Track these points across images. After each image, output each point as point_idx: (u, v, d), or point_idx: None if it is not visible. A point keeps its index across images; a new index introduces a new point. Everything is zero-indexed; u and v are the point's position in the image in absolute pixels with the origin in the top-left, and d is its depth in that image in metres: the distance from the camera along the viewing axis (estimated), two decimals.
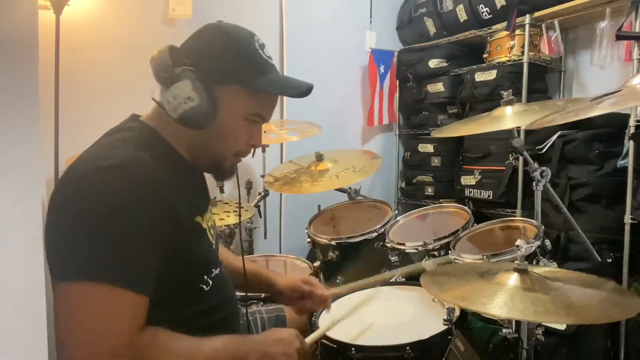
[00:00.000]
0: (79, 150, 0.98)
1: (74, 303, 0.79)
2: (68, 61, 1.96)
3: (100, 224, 0.81)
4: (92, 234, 0.81)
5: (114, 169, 0.85)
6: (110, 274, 0.80)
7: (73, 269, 0.80)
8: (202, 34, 1.01)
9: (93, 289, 0.79)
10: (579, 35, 2.65)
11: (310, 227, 2.11)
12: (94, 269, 0.80)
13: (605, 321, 0.98)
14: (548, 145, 2.30)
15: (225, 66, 0.98)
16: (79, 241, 0.81)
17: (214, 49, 0.99)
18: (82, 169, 0.87)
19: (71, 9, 1.99)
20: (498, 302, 1.01)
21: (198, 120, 0.95)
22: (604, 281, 1.15)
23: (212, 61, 0.97)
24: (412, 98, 3.12)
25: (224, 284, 1.11)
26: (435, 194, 2.99)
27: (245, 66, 0.99)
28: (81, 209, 0.83)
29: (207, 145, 1.02)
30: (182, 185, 1.00)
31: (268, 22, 2.73)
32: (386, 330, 1.35)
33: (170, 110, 0.94)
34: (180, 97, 0.93)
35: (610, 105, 1.09)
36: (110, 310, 0.79)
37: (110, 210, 0.82)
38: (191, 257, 0.98)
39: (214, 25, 1.03)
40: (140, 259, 0.84)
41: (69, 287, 0.80)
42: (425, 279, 1.18)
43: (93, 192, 0.83)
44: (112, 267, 0.81)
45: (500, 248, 1.57)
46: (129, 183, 0.85)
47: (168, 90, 0.94)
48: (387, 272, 1.67)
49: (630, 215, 2.05)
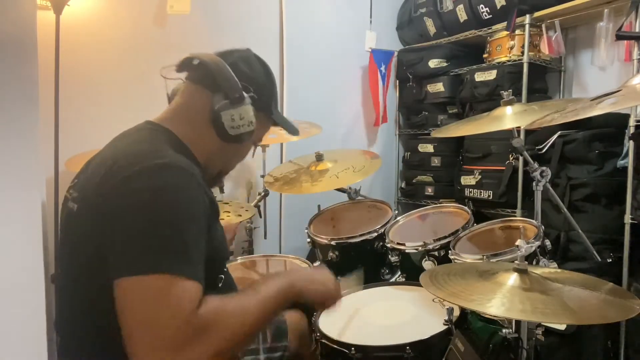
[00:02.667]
0: (79, 151, 0.98)
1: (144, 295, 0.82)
2: (68, 61, 1.96)
3: (164, 221, 0.85)
4: (159, 230, 0.85)
5: (170, 166, 0.90)
6: (172, 265, 0.83)
7: (142, 263, 0.83)
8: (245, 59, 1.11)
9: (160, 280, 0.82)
10: (579, 35, 2.65)
11: (310, 227, 2.11)
12: (162, 260, 0.83)
13: (604, 322, 0.98)
14: (548, 145, 2.30)
15: (265, 96, 1.12)
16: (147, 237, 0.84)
17: (261, 79, 1.12)
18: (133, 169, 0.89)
19: (71, 9, 1.99)
20: (498, 302, 1.01)
21: (243, 140, 1.07)
22: (603, 282, 1.15)
23: (259, 90, 1.09)
24: (412, 98, 3.12)
25: (232, 282, 1.16)
26: (435, 194, 2.99)
27: (272, 98, 1.16)
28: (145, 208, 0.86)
29: (226, 159, 1.15)
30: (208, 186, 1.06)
31: (268, 22, 2.73)
32: (386, 330, 1.35)
33: (230, 127, 1.03)
34: (246, 120, 1.04)
35: (610, 105, 1.10)
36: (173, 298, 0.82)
37: (172, 208, 0.87)
38: (217, 252, 1.04)
39: (251, 54, 1.15)
40: (199, 249, 0.89)
41: (133, 281, 0.82)
42: (425, 279, 1.18)
43: (152, 189, 0.87)
44: (173, 259, 0.84)
45: (500, 248, 1.57)
46: (186, 179, 0.91)
47: (235, 110, 1.03)
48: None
49: (630, 215, 2.05)
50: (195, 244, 0.88)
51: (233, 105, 1.02)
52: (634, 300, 1.02)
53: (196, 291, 0.85)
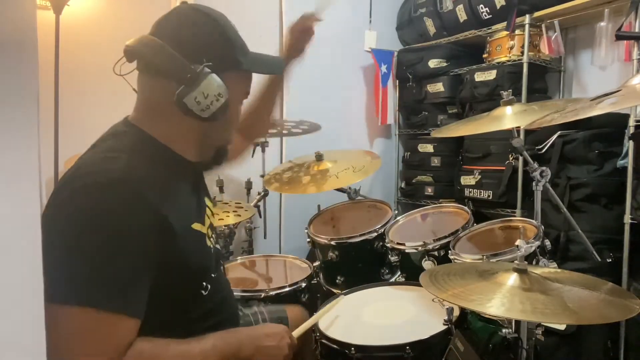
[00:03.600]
0: (79, 151, 0.98)
1: (63, 326, 0.77)
2: (68, 61, 1.96)
3: (97, 246, 0.80)
4: (88, 256, 0.80)
5: (112, 185, 0.83)
6: (103, 298, 0.79)
7: (66, 292, 0.78)
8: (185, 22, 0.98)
9: (85, 313, 0.78)
10: (579, 35, 2.65)
11: (310, 227, 2.11)
12: (88, 293, 0.78)
13: (603, 322, 0.98)
14: (548, 145, 2.30)
15: (225, 54, 0.98)
16: (70, 264, 0.79)
17: (213, 39, 0.97)
18: (79, 184, 0.85)
19: (71, 9, 1.99)
20: (497, 302, 1.01)
21: (222, 114, 0.95)
22: (603, 282, 1.15)
23: (215, 52, 0.96)
24: (412, 98, 3.12)
25: (222, 287, 1.11)
26: (435, 194, 2.99)
27: (237, 50, 1.00)
28: (78, 229, 0.81)
29: (218, 134, 1.04)
30: (180, 191, 0.98)
31: (268, 22, 2.73)
32: (386, 330, 1.35)
33: (200, 110, 0.92)
34: (212, 96, 0.92)
35: (610, 105, 1.10)
36: (101, 333, 0.78)
37: (108, 232, 0.81)
38: (189, 266, 0.97)
39: (187, 7, 1.01)
40: (134, 282, 0.83)
41: (58, 310, 0.77)
42: (424, 279, 1.18)
43: (91, 212, 0.82)
44: (105, 291, 0.79)
45: (500, 248, 1.57)
46: (128, 201, 0.84)
47: (195, 90, 0.90)
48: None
49: (630, 215, 2.04)
50: (131, 275, 0.82)
51: (191, 88, 0.90)
52: (634, 300, 1.02)
53: (126, 329, 0.81)
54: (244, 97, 1.07)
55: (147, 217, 0.85)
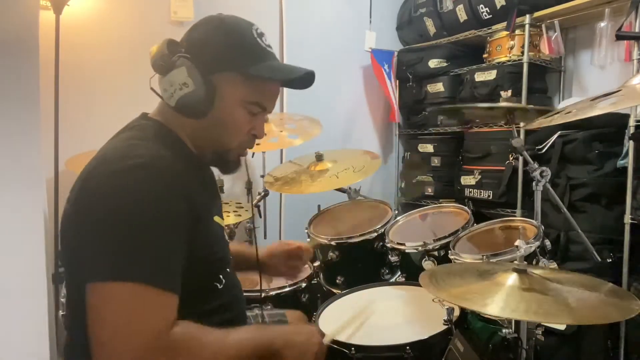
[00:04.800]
0: (79, 151, 0.98)
1: (109, 303, 0.80)
2: (68, 61, 1.96)
3: (130, 224, 0.82)
4: (123, 234, 0.82)
5: (139, 169, 0.86)
6: (145, 274, 0.81)
7: (106, 270, 0.81)
8: (199, 25, 1.03)
9: (128, 289, 0.80)
10: (579, 35, 2.65)
11: (310, 227, 2.11)
12: (129, 268, 0.80)
13: (604, 322, 0.98)
14: (548, 145, 2.30)
15: (221, 53, 0.98)
16: (110, 242, 0.82)
17: (210, 37, 0.99)
18: (106, 171, 0.87)
19: (71, 9, 1.99)
20: (497, 302, 1.01)
21: (194, 107, 0.96)
22: (603, 282, 1.15)
23: (207, 49, 0.98)
24: (412, 98, 3.11)
25: (235, 283, 1.13)
26: (435, 194, 2.99)
27: (241, 53, 0.99)
28: (111, 210, 0.83)
29: (210, 136, 1.02)
30: (200, 182, 1.02)
31: (268, 22, 2.73)
32: (386, 330, 1.35)
33: (167, 97, 0.96)
34: (176, 84, 0.94)
35: (610, 105, 1.10)
36: (146, 309, 0.80)
37: (142, 209, 0.83)
38: (210, 255, 1.00)
39: (211, 16, 1.04)
40: (172, 259, 0.85)
41: (102, 287, 0.80)
42: (425, 279, 1.18)
43: (121, 193, 0.84)
44: (145, 266, 0.82)
45: (500, 248, 1.57)
46: (155, 182, 0.86)
47: (164, 78, 0.95)
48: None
49: (630, 215, 2.04)
50: (168, 251, 0.85)
51: (162, 75, 0.95)
52: (634, 301, 1.02)
53: (170, 304, 0.83)
54: (251, 106, 1.02)
55: (178, 198, 0.88)
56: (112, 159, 0.89)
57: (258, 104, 1.03)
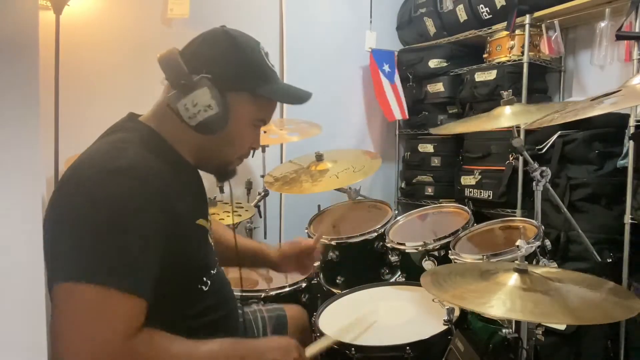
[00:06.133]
0: (79, 150, 0.98)
1: (74, 303, 0.79)
2: (68, 61, 1.96)
3: (103, 227, 0.82)
4: (97, 236, 0.81)
5: (118, 173, 0.85)
6: (111, 277, 0.80)
7: (73, 270, 0.80)
8: (209, 40, 1.03)
9: (93, 291, 0.78)
10: (579, 35, 2.65)
11: (310, 227, 2.11)
12: (96, 271, 0.80)
13: (604, 322, 0.98)
14: (548, 145, 2.30)
15: (237, 74, 1.00)
16: (83, 243, 0.81)
17: (225, 56, 1.01)
18: (88, 171, 0.87)
19: (71, 9, 1.99)
20: (498, 302, 1.01)
21: (214, 128, 0.98)
22: (604, 281, 1.15)
23: (224, 68, 0.99)
24: (412, 98, 3.11)
25: (222, 284, 1.12)
26: (435, 194, 2.99)
27: (255, 74, 1.02)
28: (84, 211, 0.83)
29: (215, 150, 1.05)
30: (185, 187, 1.01)
31: (268, 22, 2.73)
32: (386, 330, 1.35)
33: (188, 117, 0.96)
34: (200, 105, 0.95)
35: (610, 105, 1.10)
36: (109, 312, 0.79)
37: (116, 214, 0.83)
38: (192, 259, 0.99)
39: (220, 31, 1.04)
40: (143, 263, 0.84)
41: (67, 287, 0.79)
42: (425, 279, 1.18)
43: (99, 195, 0.83)
44: (114, 270, 0.81)
45: (500, 248, 1.57)
46: (136, 187, 0.86)
47: (186, 97, 0.95)
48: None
49: (630, 215, 2.04)
50: (139, 256, 0.83)
51: (183, 94, 0.94)
52: (635, 300, 1.02)
53: (136, 310, 0.81)
54: (258, 122, 1.07)
55: (155, 204, 0.87)
56: (92, 162, 0.89)
57: (264, 120, 1.09)
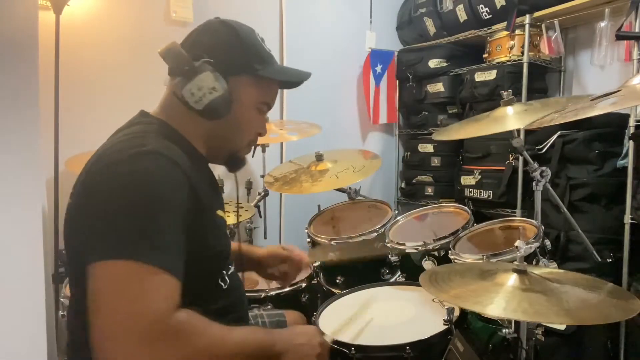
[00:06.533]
0: (79, 151, 0.98)
1: (114, 281, 0.78)
2: (68, 61, 1.96)
3: (138, 205, 0.82)
4: (132, 215, 0.82)
5: (148, 155, 0.87)
6: (150, 253, 0.80)
7: (112, 248, 0.79)
8: (206, 29, 1.06)
9: (133, 267, 0.78)
10: (579, 35, 2.65)
11: (310, 227, 2.11)
12: (133, 248, 0.79)
13: (604, 322, 0.98)
14: (548, 145, 2.30)
15: (237, 58, 1.03)
16: (118, 221, 0.81)
17: (224, 42, 1.03)
18: (116, 155, 0.88)
19: (71, 9, 1.99)
20: (498, 303, 1.01)
21: (221, 110, 1.00)
22: (603, 282, 1.15)
23: (224, 53, 1.02)
24: (412, 98, 3.11)
25: (239, 284, 1.14)
26: (435, 194, 2.99)
27: (254, 57, 1.05)
28: (119, 191, 0.83)
29: (224, 137, 1.07)
30: (203, 177, 1.03)
31: (268, 23, 2.73)
32: (386, 330, 1.35)
33: (194, 101, 0.98)
34: (205, 88, 0.97)
35: (610, 105, 1.10)
36: (149, 288, 0.79)
37: (149, 192, 0.84)
38: (213, 247, 1.00)
39: (216, 21, 1.07)
40: (173, 241, 0.85)
41: (107, 265, 0.78)
42: (425, 280, 1.18)
43: (131, 175, 0.85)
44: (152, 247, 0.81)
45: (500, 248, 1.57)
46: (165, 166, 0.88)
47: (191, 82, 0.97)
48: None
49: (630, 215, 2.04)
50: (171, 233, 0.84)
51: (188, 79, 0.97)
52: (634, 301, 1.02)
53: (172, 287, 0.81)
54: (261, 106, 1.09)
55: (182, 185, 0.89)
56: (118, 148, 0.90)
57: (267, 103, 1.11)
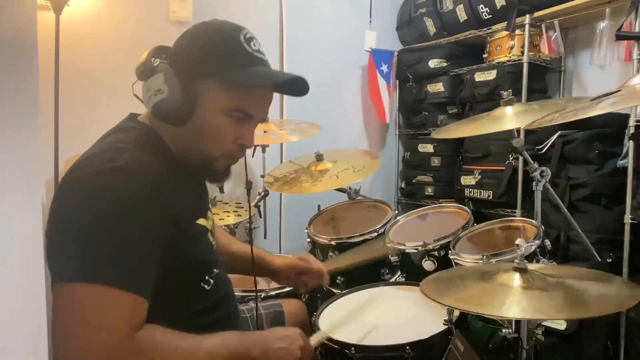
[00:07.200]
0: (79, 151, 0.98)
1: (73, 303, 0.79)
2: (68, 61, 1.96)
3: (100, 226, 0.81)
4: (92, 235, 0.81)
5: (115, 172, 0.85)
6: (108, 275, 0.80)
7: (72, 271, 0.80)
8: (189, 31, 1.01)
9: (92, 290, 0.79)
10: (579, 35, 2.65)
11: (310, 227, 2.11)
12: (93, 270, 0.80)
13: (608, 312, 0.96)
14: (548, 145, 2.30)
15: (201, 61, 0.96)
16: (79, 243, 0.81)
17: (192, 45, 0.98)
18: (83, 173, 0.87)
19: (71, 9, 1.99)
20: (498, 303, 1.01)
21: (169, 114, 0.94)
22: (603, 274, 1.15)
23: (188, 56, 0.97)
24: (412, 98, 3.11)
25: (224, 283, 1.12)
26: (435, 194, 2.99)
27: (223, 60, 0.96)
28: (82, 211, 0.83)
29: (192, 143, 0.99)
30: (183, 186, 1.00)
31: (268, 22, 2.73)
32: (386, 330, 1.35)
33: (145, 103, 0.97)
34: (152, 90, 0.95)
35: (610, 105, 1.10)
36: (107, 310, 0.79)
37: (111, 212, 0.82)
38: (192, 258, 0.98)
39: (200, 23, 1.02)
40: (140, 261, 0.84)
41: (67, 288, 0.80)
42: (425, 282, 1.18)
43: (94, 194, 0.83)
44: (110, 269, 0.80)
45: (500, 248, 1.57)
46: (130, 186, 0.85)
47: (143, 83, 0.97)
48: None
49: (630, 215, 2.04)
50: (137, 255, 0.83)
51: (142, 80, 0.97)
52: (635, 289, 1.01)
53: (137, 308, 0.81)
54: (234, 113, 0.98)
55: (150, 202, 0.86)
56: (86, 164, 0.89)
57: (243, 111, 0.98)
